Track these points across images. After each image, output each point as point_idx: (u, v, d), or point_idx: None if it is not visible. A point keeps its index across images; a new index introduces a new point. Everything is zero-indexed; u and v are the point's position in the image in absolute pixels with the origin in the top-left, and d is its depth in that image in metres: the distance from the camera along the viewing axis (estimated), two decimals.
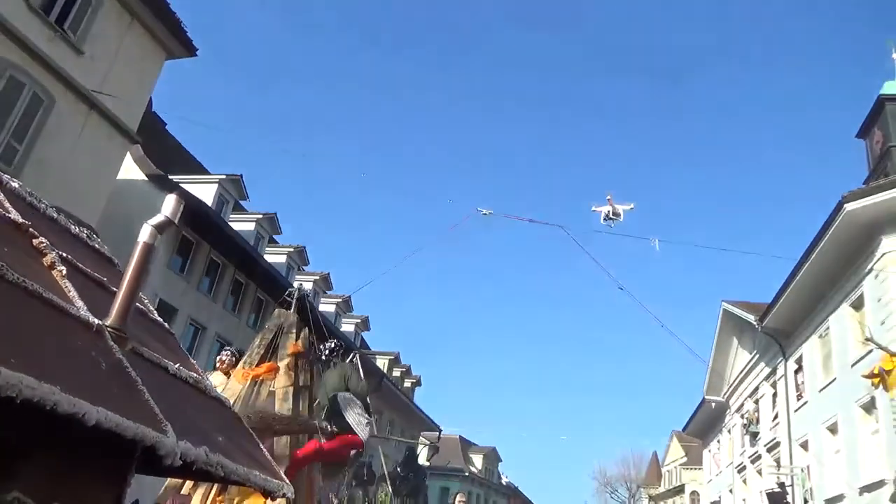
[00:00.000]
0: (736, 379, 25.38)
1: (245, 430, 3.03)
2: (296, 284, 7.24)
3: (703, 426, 31.40)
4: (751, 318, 20.77)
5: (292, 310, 6.43)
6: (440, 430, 38.32)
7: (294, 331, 6.05)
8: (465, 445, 54.58)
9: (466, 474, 51.23)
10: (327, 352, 6.55)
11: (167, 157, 20.55)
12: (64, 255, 2.62)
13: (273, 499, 2.68)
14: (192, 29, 15.69)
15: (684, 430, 34.64)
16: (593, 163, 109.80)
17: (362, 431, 5.46)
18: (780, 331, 19.78)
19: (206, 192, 20.02)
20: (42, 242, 2.50)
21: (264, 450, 2.97)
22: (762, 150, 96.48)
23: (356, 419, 5.50)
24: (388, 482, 8.52)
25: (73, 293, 2.31)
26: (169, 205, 2.70)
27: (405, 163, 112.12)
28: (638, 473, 50.58)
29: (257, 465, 2.56)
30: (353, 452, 6.05)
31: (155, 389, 2.13)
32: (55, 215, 3.15)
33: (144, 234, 2.57)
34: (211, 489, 4.95)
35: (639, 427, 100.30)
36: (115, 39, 14.12)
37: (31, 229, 2.53)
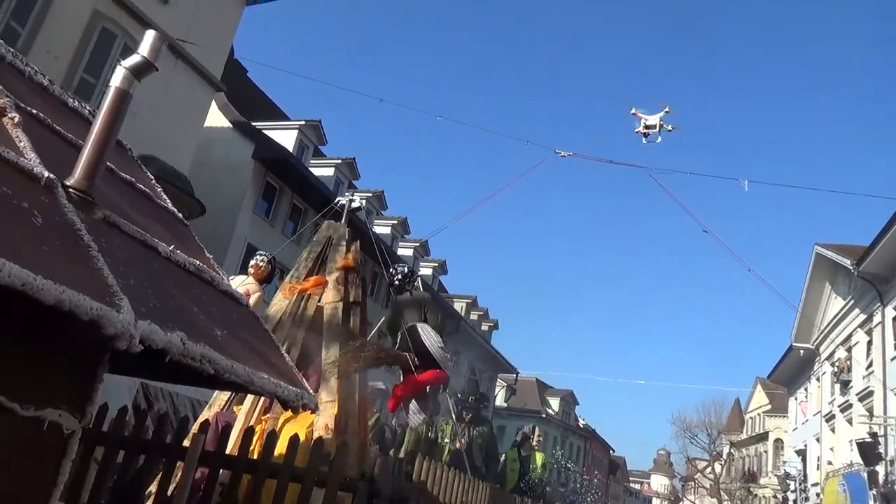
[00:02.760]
0: (827, 326, 24.28)
1: (263, 331, 2.76)
2: (347, 197, 6.27)
3: (789, 374, 30.41)
4: (846, 262, 19.67)
5: (343, 221, 5.88)
6: (517, 373, 38.85)
7: (344, 244, 5.56)
8: (542, 388, 55.08)
9: (543, 416, 51.86)
10: (399, 276, 6.15)
11: (249, 103, 21.04)
12: (28, 108, 2.29)
13: (293, 409, 2.39)
14: None
15: (769, 377, 33.65)
16: (674, 96, 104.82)
17: (448, 367, 5.29)
18: (878, 276, 18.68)
19: (286, 138, 20.44)
20: None
21: (286, 356, 2.72)
22: (856, 80, 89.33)
23: (441, 354, 5.29)
24: (452, 411, 8.36)
25: (24, 143, 2.01)
26: (147, 43, 2.22)
27: (482, 106, 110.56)
28: (719, 420, 49.76)
29: (271, 370, 2.27)
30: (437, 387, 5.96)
31: (127, 265, 1.86)
32: (44, 82, 2.75)
33: (117, 78, 2.13)
34: (255, 405, 4.76)
35: (720, 374, 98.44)
36: None
37: None
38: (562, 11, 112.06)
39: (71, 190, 1.95)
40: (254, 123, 19.04)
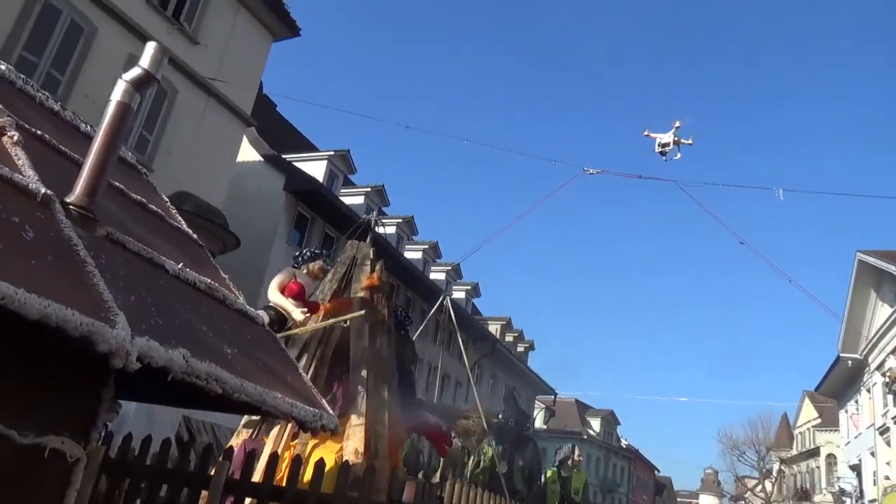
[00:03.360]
0: (875, 335, 23.49)
1: (279, 351, 2.66)
2: (372, 219, 6.18)
3: (838, 385, 29.42)
4: (892, 268, 19.09)
5: (367, 240, 5.74)
6: (556, 394, 38.33)
7: (369, 263, 5.43)
8: (582, 408, 54.25)
9: (584, 437, 50.99)
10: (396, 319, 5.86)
11: (279, 137, 21.47)
12: (33, 129, 2.27)
13: (311, 430, 2.31)
14: (292, 8, 16.16)
15: (817, 389, 32.61)
16: (704, 108, 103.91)
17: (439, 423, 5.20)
18: None
19: (316, 168, 20.77)
20: None
21: (304, 376, 2.62)
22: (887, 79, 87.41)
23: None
24: (490, 432, 8.09)
25: (22, 161, 1.99)
26: (147, 55, 2.14)
27: (508, 128, 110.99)
28: (766, 436, 48.31)
29: (286, 389, 2.18)
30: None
31: (128, 282, 1.80)
32: (54, 107, 2.74)
33: (118, 91, 2.04)
34: (283, 431, 4.62)
35: (765, 388, 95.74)
36: (225, 27, 14.82)
37: None
38: (573, 28, 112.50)
39: (71, 207, 1.91)
40: (284, 156, 19.39)
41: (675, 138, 11.51)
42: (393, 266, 6.30)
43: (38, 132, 2.34)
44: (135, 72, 2.09)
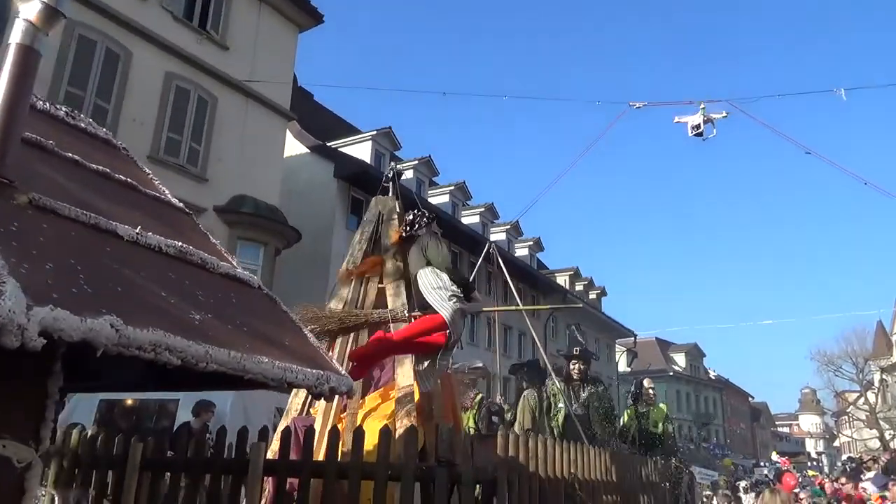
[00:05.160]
0: None
1: (277, 314, 2.48)
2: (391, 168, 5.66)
3: None
4: None
5: (391, 194, 5.42)
6: (635, 335, 37.90)
7: (396, 216, 5.16)
8: (664, 346, 53.57)
9: (670, 374, 50.43)
10: (409, 225, 5.44)
11: (321, 126, 21.68)
12: None
13: (315, 396, 2.15)
14: None
15: None
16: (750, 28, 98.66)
17: (445, 308, 4.30)
18: None
19: (362, 150, 20.90)
20: None
21: (310, 337, 2.43)
22: None
23: (436, 296, 4.38)
24: (552, 372, 7.54)
25: None
26: None
27: (543, 77, 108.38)
28: (863, 347, 46.44)
29: (281, 353, 2.01)
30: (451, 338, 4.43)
31: (50, 249, 1.62)
32: None
33: (17, 33, 1.75)
34: (332, 406, 4.34)
35: (854, 299, 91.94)
36: (251, 27, 14.97)
37: None
38: None
39: None
40: (329, 144, 19.59)
41: (705, 116, 11.51)
42: (449, 233, 6.13)
43: None
44: (33, 7, 1.74)
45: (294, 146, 18.37)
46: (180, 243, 2.22)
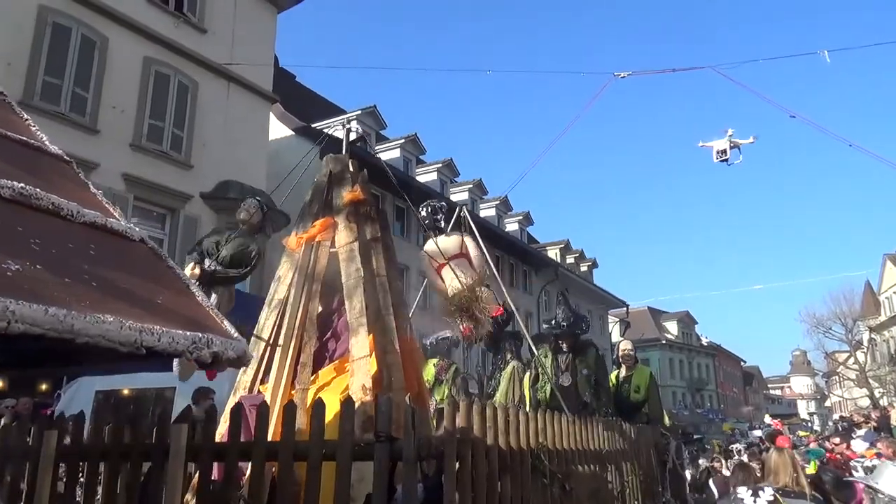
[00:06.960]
0: None
1: (157, 269, 2.19)
2: (353, 126, 5.20)
3: None
4: None
5: (343, 152, 5.06)
6: (627, 305, 38.15)
7: (349, 176, 4.84)
8: (656, 315, 53.97)
9: (663, 342, 50.92)
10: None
11: (304, 107, 21.43)
12: None
13: (199, 362, 1.84)
14: None
15: None
16: None
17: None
18: None
19: None
20: None
21: (198, 295, 2.16)
22: None
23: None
24: (531, 343, 7.27)
25: None
26: None
27: (529, 49, 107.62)
28: (851, 307, 46.95)
29: (145, 313, 1.73)
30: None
31: None
32: None
33: None
34: (281, 379, 4.08)
35: (840, 260, 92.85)
36: (228, 9, 14.72)
37: None
38: None
39: None
40: (314, 125, 19.37)
41: (732, 142, 11.38)
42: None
43: None
44: None
45: (278, 128, 18.15)
46: (22, 185, 1.91)
